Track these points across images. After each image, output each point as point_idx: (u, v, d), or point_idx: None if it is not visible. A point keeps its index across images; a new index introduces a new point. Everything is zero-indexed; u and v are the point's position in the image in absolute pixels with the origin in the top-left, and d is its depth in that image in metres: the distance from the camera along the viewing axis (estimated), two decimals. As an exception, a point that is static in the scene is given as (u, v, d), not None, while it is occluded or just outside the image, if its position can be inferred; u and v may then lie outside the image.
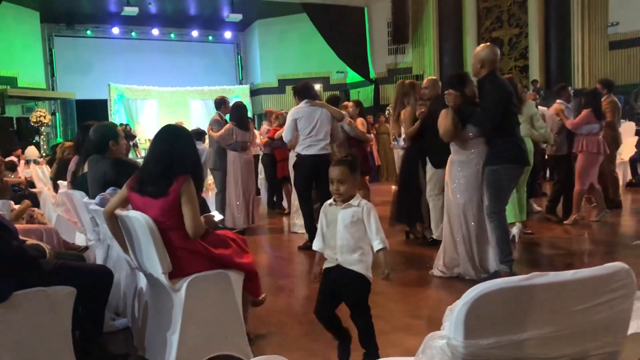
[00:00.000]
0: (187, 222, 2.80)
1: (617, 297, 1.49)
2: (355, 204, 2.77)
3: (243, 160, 7.24)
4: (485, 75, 4.48)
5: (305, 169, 5.88)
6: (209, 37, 21.39)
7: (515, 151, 4.43)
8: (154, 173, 2.86)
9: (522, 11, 15.83)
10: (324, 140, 5.81)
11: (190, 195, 2.81)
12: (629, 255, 5.23)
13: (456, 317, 1.30)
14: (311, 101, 5.93)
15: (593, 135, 6.54)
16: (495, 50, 4.55)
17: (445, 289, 4.45)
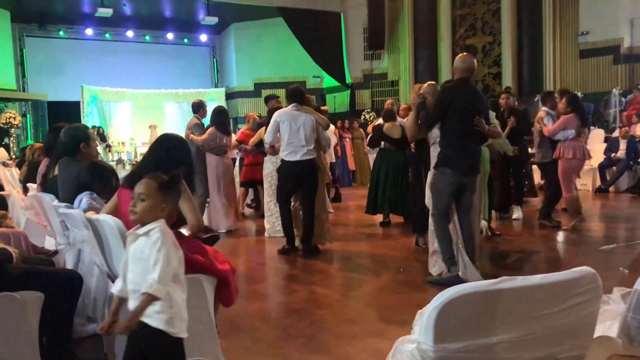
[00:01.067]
0: (188, 217, 2.85)
1: (584, 301, 1.52)
2: (142, 232, 2.08)
3: (224, 164, 7.32)
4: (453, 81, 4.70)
5: (289, 175, 5.87)
6: (184, 40, 21.24)
7: (450, 157, 4.56)
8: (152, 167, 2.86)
9: (496, 19, 16.07)
10: (307, 146, 5.76)
11: (185, 191, 2.83)
12: (597, 260, 5.33)
13: (426, 321, 1.31)
14: (298, 106, 5.90)
15: (570, 141, 6.63)
16: (464, 59, 4.67)
17: (420, 292, 4.48)
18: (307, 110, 5.92)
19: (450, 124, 4.57)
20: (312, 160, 5.83)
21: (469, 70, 4.62)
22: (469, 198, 4.63)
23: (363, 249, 6.34)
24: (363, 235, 7.18)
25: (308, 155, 5.78)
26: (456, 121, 4.55)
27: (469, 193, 4.63)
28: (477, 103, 4.63)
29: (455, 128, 4.56)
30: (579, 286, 1.48)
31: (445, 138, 4.63)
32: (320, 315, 3.95)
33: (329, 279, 5.10)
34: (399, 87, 17.94)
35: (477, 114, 4.54)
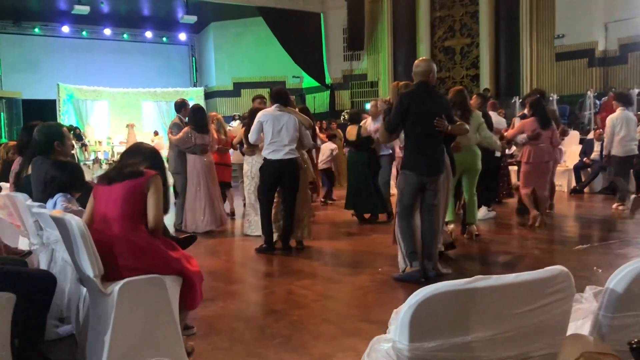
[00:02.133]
0: (150, 211, 2.83)
1: (557, 300, 1.54)
2: None
3: (203, 163, 7.23)
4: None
5: (270, 173, 5.99)
6: (162, 39, 21.06)
7: (411, 160, 4.80)
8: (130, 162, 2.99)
9: (474, 21, 16.23)
10: (289, 146, 5.88)
11: (158, 187, 2.87)
12: (571, 259, 5.41)
13: (401, 320, 1.32)
14: (281, 106, 5.99)
15: (530, 144, 6.74)
16: (419, 63, 4.90)
17: (398, 291, 4.50)
18: (290, 111, 6.00)
19: (410, 128, 4.78)
20: (294, 160, 5.92)
21: (424, 74, 4.79)
22: (431, 197, 4.78)
23: (342, 248, 6.35)
24: (342, 234, 7.19)
25: (290, 155, 5.89)
26: (415, 125, 4.74)
27: (431, 192, 4.77)
28: (435, 105, 4.76)
29: (414, 132, 4.77)
30: (552, 285, 1.50)
31: (406, 142, 4.86)
32: (297, 315, 3.94)
33: (307, 279, 5.09)
34: (378, 88, 18.02)
35: (436, 116, 4.65)
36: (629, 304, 1.66)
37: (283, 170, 5.91)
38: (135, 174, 2.89)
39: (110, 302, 2.70)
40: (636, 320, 1.67)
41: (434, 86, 5.09)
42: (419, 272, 4.66)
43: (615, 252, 5.64)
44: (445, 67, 16.95)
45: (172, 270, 2.86)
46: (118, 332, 2.69)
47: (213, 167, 7.43)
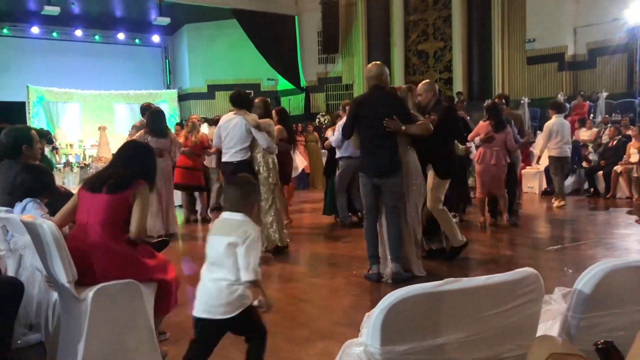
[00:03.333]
0: (134, 220, 2.81)
1: (527, 301, 1.56)
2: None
3: (159, 167, 7.09)
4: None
5: (224, 176, 6.18)
6: (135, 40, 20.82)
7: (364, 162, 4.99)
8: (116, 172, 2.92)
9: (447, 25, 16.41)
10: (233, 148, 5.93)
11: (144, 197, 2.85)
12: (543, 260, 5.50)
13: (373, 323, 1.32)
14: (236, 109, 6.00)
15: (483, 146, 6.94)
16: (370, 68, 4.97)
17: (373, 294, 4.51)
18: (241, 114, 5.93)
19: (362, 131, 4.90)
20: (242, 162, 5.90)
21: (376, 78, 4.87)
22: (390, 199, 4.81)
23: (317, 252, 6.35)
24: (318, 237, 7.19)
25: (235, 157, 5.92)
26: (365, 129, 4.86)
27: (389, 194, 4.80)
28: (386, 107, 4.78)
29: (366, 135, 4.88)
30: (522, 287, 1.52)
31: (361, 145, 4.99)
32: (271, 319, 3.90)
33: (282, 283, 5.07)
34: (353, 91, 18.10)
35: (384, 117, 4.69)
36: (597, 305, 1.69)
37: (233, 172, 5.85)
38: (121, 186, 2.83)
39: (84, 308, 2.65)
40: (604, 321, 1.70)
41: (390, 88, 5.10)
42: (375, 275, 4.81)
43: (586, 253, 5.75)
44: (419, 70, 17.11)
45: (149, 279, 2.83)
46: (91, 338, 2.65)
47: (169, 172, 7.31)
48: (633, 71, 13.75)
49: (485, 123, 7.05)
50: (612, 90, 13.83)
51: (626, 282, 1.73)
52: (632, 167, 9.69)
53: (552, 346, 1.33)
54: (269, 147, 5.94)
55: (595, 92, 13.78)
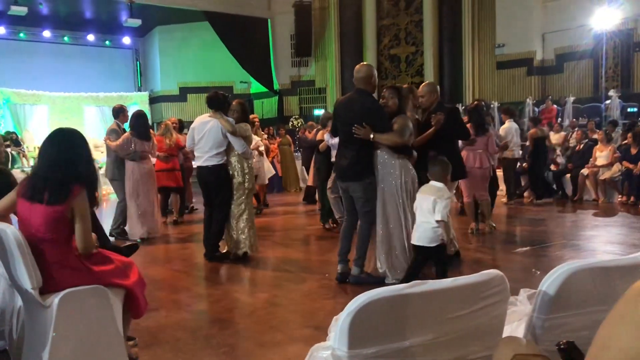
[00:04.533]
0: (78, 238, 2.68)
1: (493, 303, 1.58)
2: None
3: (142, 170, 7.09)
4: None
5: (198, 180, 6.07)
6: (106, 42, 20.53)
7: (335, 165, 5.16)
8: (49, 179, 2.69)
9: (418, 30, 16.57)
10: (208, 152, 5.84)
11: (83, 209, 2.68)
12: (512, 262, 5.58)
13: (340, 327, 1.32)
14: (212, 112, 5.94)
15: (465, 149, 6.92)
16: (360, 68, 4.91)
17: (345, 297, 4.51)
18: (217, 117, 5.86)
19: (338, 133, 5.01)
20: (217, 166, 5.84)
21: (361, 80, 4.83)
22: (359, 203, 4.84)
23: (290, 255, 6.33)
24: (290, 241, 7.18)
25: (211, 161, 5.84)
26: (340, 131, 4.96)
27: (357, 198, 4.84)
28: (354, 111, 4.76)
29: (340, 137, 4.99)
30: (488, 289, 1.54)
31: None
32: (243, 324, 3.90)
33: (254, 287, 5.06)
34: (326, 94, 18.14)
35: (354, 122, 4.68)
36: (561, 306, 1.72)
37: (205, 177, 5.90)
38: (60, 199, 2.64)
39: (49, 315, 2.59)
40: (568, 321, 1.73)
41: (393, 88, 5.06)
42: (339, 275, 4.89)
43: (554, 254, 5.85)
44: (391, 74, 17.25)
45: (106, 285, 2.77)
46: (57, 346, 2.59)
47: (152, 174, 7.30)
48: (599, 76, 14.08)
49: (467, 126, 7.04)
50: (579, 95, 14.14)
51: (589, 282, 1.77)
52: (598, 170, 9.91)
53: (516, 347, 1.35)
54: (245, 153, 5.89)
55: (563, 97, 14.07)
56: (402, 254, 4.79)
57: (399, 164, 4.80)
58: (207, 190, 5.98)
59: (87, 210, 2.70)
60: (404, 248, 4.79)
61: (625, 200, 9.51)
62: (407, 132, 4.82)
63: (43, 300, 2.60)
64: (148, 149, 7.14)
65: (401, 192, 4.79)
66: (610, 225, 7.71)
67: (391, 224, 4.81)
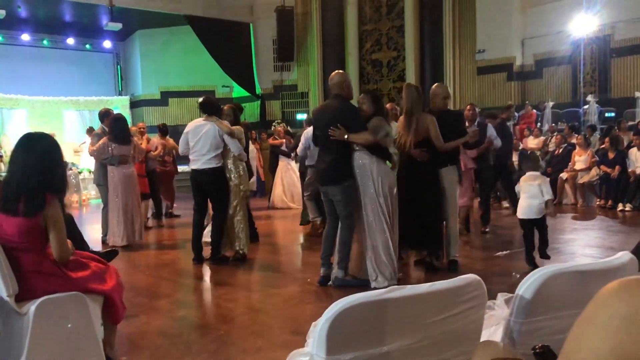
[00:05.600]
0: (54, 247, 2.65)
1: (470, 307, 1.59)
2: None
3: (122, 174, 7.02)
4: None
5: (193, 183, 6.07)
6: (86, 46, 20.32)
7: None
8: (23, 189, 2.63)
9: (400, 35, 16.67)
10: (206, 155, 5.87)
11: (57, 218, 2.64)
12: (492, 265, 5.63)
13: (318, 333, 1.32)
14: (206, 116, 5.98)
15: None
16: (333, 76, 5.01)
17: (327, 302, 4.50)
18: (213, 120, 5.93)
19: (319, 139, 5.06)
20: (213, 169, 5.89)
21: (335, 86, 4.93)
22: (338, 207, 4.87)
23: (272, 260, 6.32)
24: (273, 245, 7.17)
25: (208, 164, 5.88)
26: (319, 137, 5.02)
27: (337, 202, 4.87)
28: (329, 115, 4.85)
29: (319, 142, 5.07)
30: (465, 293, 1.55)
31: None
32: (224, 330, 3.88)
33: (236, 292, 5.03)
34: (308, 99, 18.16)
35: (330, 125, 4.75)
36: (538, 309, 1.73)
37: (203, 180, 5.93)
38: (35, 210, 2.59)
39: (26, 323, 2.56)
40: (545, 325, 1.75)
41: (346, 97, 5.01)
42: (322, 279, 4.93)
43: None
44: (373, 79, 17.32)
45: (82, 290, 2.74)
46: (34, 354, 2.55)
47: (133, 179, 7.21)
48: (577, 81, 14.29)
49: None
50: (558, 100, 14.33)
51: (565, 286, 1.79)
52: (577, 174, 10.04)
53: (494, 351, 1.36)
54: (241, 155, 5.98)
55: (542, 102, 14.25)
56: (387, 258, 4.78)
57: (377, 168, 4.81)
58: (201, 194, 6.00)
59: (61, 217, 2.66)
60: (388, 251, 4.78)
61: (603, 203, 9.66)
62: (380, 132, 4.82)
63: (19, 307, 2.57)
64: (128, 153, 7.07)
65: (380, 196, 4.79)
66: (589, 229, 7.81)
67: (372, 228, 4.81)
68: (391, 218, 4.84)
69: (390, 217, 4.83)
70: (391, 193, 4.85)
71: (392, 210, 4.85)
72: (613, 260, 1.89)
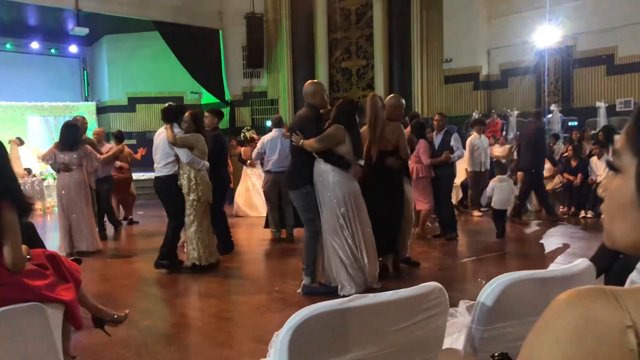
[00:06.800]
0: (6, 255, 2.55)
1: (432, 315, 1.60)
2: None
3: (66, 182, 6.87)
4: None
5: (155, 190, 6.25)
6: (51, 50, 19.94)
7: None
8: None
9: (369, 44, 16.81)
10: (159, 163, 6.01)
11: (11, 224, 2.53)
12: (458, 272, 5.70)
13: (280, 343, 1.31)
14: (165, 124, 5.98)
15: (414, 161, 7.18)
16: (305, 85, 5.09)
17: (294, 310, 4.48)
18: (168, 128, 5.90)
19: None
20: (167, 177, 5.94)
21: (306, 95, 5.02)
22: (299, 212, 5.01)
23: (240, 268, 6.28)
24: (242, 253, 7.11)
25: (160, 172, 6.01)
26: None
27: (297, 207, 5.02)
28: (294, 122, 5.22)
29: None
30: (427, 301, 1.56)
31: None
32: (190, 340, 3.84)
33: (202, 301, 4.98)
34: (278, 106, 18.14)
35: (294, 132, 4.91)
36: (499, 316, 1.76)
37: (156, 188, 6.09)
38: None
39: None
40: (505, 332, 1.77)
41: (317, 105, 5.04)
42: (307, 288, 4.95)
43: (498, 264, 6.01)
44: (343, 87, 17.41)
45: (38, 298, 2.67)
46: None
47: (83, 187, 6.98)
48: (541, 91, 14.62)
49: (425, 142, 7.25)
50: (523, 109, 14.60)
51: (526, 293, 1.82)
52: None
53: (454, 359, 1.38)
54: (191, 163, 5.83)
55: (507, 111, 14.51)
56: (352, 265, 4.76)
57: (333, 177, 4.76)
58: (162, 200, 6.16)
59: (15, 225, 2.57)
60: (351, 259, 4.75)
61: (566, 210, 9.87)
62: (329, 141, 4.76)
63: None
64: (70, 161, 6.88)
65: (340, 205, 4.74)
66: (553, 235, 7.97)
67: (333, 237, 4.79)
68: (353, 225, 4.78)
69: (351, 225, 4.77)
70: (353, 201, 4.80)
71: (354, 218, 4.79)
72: (571, 268, 1.93)
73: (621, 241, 0.74)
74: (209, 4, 18.08)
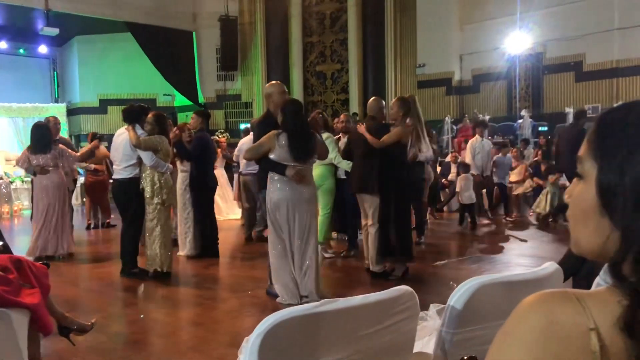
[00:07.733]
0: None
1: (403, 319, 1.60)
2: None
3: (44, 184, 6.75)
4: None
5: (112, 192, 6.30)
6: (19, 50, 19.52)
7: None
8: None
9: (344, 48, 16.88)
10: (119, 165, 5.93)
11: None
12: (430, 275, 5.73)
13: (250, 348, 1.30)
14: (127, 125, 5.88)
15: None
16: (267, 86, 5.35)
17: (267, 314, 4.46)
18: (129, 129, 5.81)
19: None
20: (127, 179, 5.85)
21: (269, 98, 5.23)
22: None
23: (212, 272, 6.22)
24: (214, 259, 7.04)
25: (120, 174, 5.94)
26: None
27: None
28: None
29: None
30: (398, 305, 1.57)
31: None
32: (160, 345, 3.78)
33: (173, 306, 4.91)
34: (252, 109, 18.07)
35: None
36: (469, 320, 1.77)
37: (115, 191, 6.06)
38: None
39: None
40: (475, 335, 1.79)
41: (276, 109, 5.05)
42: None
43: (470, 267, 6.07)
44: (317, 90, 17.44)
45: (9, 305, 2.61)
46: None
47: (59, 188, 6.86)
48: (512, 97, 14.85)
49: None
50: (495, 114, 14.82)
51: (495, 296, 1.84)
52: (512, 185, 10.39)
53: (424, 362, 1.38)
54: (155, 166, 5.72)
55: (478, 115, 14.69)
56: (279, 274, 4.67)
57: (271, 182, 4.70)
58: (119, 204, 6.02)
59: None
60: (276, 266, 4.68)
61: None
62: (255, 150, 4.71)
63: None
64: (45, 163, 6.76)
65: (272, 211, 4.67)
66: (523, 239, 8.09)
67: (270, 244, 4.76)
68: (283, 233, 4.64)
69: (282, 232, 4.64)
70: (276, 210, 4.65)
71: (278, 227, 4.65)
72: (539, 271, 1.95)
73: (585, 246, 0.76)
74: (182, 6, 17.95)
